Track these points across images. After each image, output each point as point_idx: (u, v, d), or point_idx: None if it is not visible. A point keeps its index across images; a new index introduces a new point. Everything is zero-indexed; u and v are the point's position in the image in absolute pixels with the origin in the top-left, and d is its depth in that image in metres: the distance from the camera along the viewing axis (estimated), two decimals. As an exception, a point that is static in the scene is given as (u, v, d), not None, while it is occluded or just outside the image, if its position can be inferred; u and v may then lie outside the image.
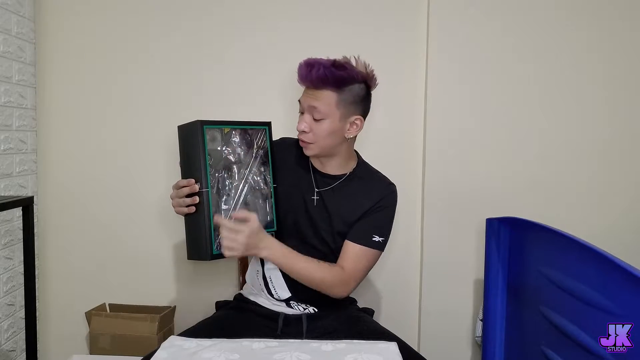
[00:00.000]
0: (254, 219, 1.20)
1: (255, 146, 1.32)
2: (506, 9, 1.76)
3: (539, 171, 1.80)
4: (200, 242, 1.22)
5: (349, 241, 1.34)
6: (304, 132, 1.30)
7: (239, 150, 1.28)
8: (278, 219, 1.34)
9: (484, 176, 1.81)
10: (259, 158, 1.32)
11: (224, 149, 1.26)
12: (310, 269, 1.28)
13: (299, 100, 1.33)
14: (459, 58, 1.78)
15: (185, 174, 1.27)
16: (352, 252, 1.33)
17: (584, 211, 1.80)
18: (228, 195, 1.25)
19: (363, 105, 1.33)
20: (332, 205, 1.36)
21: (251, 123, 1.33)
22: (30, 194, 1.82)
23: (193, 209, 1.23)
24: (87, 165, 1.91)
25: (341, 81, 1.26)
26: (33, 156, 1.87)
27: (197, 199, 1.22)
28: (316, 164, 1.40)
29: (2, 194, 1.68)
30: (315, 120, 1.28)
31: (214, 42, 1.86)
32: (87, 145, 1.91)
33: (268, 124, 1.35)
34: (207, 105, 1.86)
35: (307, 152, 1.34)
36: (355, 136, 1.37)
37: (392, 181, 1.41)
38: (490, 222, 1.55)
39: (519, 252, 1.45)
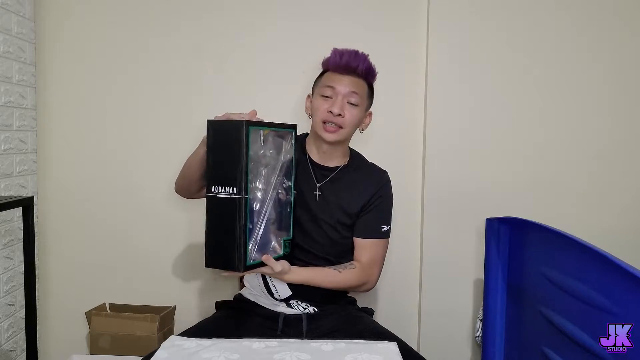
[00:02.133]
0: (274, 265, 1.22)
1: (283, 150, 1.25)
2: (506, 9, 1.76)
3: (539, 171, 1.80)
4: (232, 252, 1.13)
5: (360, 238, 1.40)
6: (339, 115, 1.33)
7: (268, 153, 1.20)
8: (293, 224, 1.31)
9: (484, 176, 1.81)
10: (285, 163, 1.26)
11: (260, 152, 1.17)
12: (333, 280, 1.34)
13: (329, 86, 1.34)
14: (459, 58, 1.78)
15: (217, 176, 1.13)
16: (367, 246, 1.39)
17: (584, 211, 1.80)
18: (261, 201, 1.19)
19: (372, 101, 1.44)
20: (332, 198, 1.40)
21: (281, 125, 1.23)
22: (30, 194, 1.81)
23: None
24: (87, 165, 1.91)
25: (375, 75, 1.41)
26: (33, 156, 1.87)
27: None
28: (315, 157, 1.43)
29: (2, 194, 1.68)
30: (351, 105, 1.34)
31: (215, 42, 1.86)
32: (87, 145, 1.91)
33: (294, 127, 1.27)
34: (207, 105, 1.86)
35: (332, 137, 1.35)
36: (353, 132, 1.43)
37: (387, 175, 1.48)
38: (490, 222, 1.55)
39: (519, 252, 1.45)
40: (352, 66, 1.33)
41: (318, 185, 1.40)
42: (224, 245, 1.14)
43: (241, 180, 1.11)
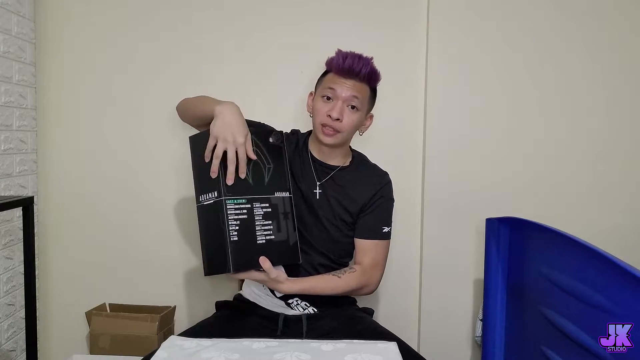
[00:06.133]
0: (270, 269, 1.22)
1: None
2: (506, 10, 1.76)
3: (539, 171, 1.80)
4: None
5: (362, 239, 1.41)
6: (337, 119, 1.32)
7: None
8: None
9: (484, 176, 1.81)
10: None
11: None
12: (333, 287, 1.33)
13: (331, 87, 1.33)
14: (459, 58, 1.78)
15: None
16: (368, 248, 1.40)
17: (584, 211, 1.80)
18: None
19: (374, 104, 1.43)
20: (333, 195, 1.40)
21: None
22: (30, 194, 1.82)
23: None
24: (87, 165, 1.91)
25: (378, 79, 1.39)
26: (33, 156, 1.87)
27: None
28: (317, 154, 1.43)
29: (2, 194, 1.68)
30: (351, 109, 1.34)
31: (215, 42, 1.85)
32: (87, 145, 1.91)
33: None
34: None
35: (329, 140, 1.35)
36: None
37: (388, 176, 1.48)
38: (490, 222, 1.55)
39: (519, 252, 1.45)
40: (355, 70, 1.32)
41: (318, 183, 1.41)
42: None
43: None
